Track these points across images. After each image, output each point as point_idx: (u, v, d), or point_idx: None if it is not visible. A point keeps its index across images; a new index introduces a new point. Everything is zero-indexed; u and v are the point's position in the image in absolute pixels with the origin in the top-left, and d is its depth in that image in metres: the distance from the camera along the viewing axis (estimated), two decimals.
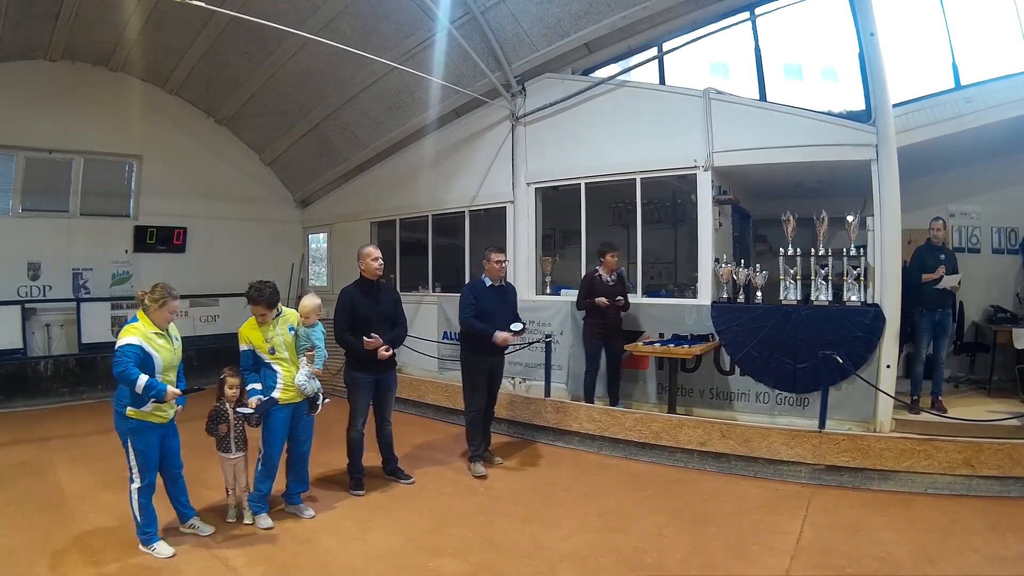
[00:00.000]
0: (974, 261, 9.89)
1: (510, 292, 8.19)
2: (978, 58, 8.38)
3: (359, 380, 7.27)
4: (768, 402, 8.54)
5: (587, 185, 10.19)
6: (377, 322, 7.26)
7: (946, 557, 5.52)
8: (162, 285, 5.66)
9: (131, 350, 5.40)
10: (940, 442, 7.06)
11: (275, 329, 6.32)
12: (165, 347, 5.65)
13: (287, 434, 6.45)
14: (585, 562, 5.55)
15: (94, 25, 11.57)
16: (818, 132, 8.39)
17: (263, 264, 14.74)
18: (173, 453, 5.89)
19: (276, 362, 6.29)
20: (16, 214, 12.46)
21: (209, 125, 14.83)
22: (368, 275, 7.33)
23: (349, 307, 7.23)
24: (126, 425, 5.56)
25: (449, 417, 10.40)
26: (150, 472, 5.67)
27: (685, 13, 9.23)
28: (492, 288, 7.89)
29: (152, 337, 5.57)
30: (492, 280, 7.91)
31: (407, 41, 10.65)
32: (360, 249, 7.47)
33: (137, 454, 5.60)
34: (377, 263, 7.31)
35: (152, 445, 5.63)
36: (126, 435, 5.60)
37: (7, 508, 6.73)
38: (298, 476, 6.68)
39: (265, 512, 6.41)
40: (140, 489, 5.63)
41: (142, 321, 5.61)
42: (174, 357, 5.77)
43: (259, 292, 6.19)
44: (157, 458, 5.71)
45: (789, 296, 8.53)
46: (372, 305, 7.29)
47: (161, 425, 5.67)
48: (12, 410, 11.30)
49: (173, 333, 5.85)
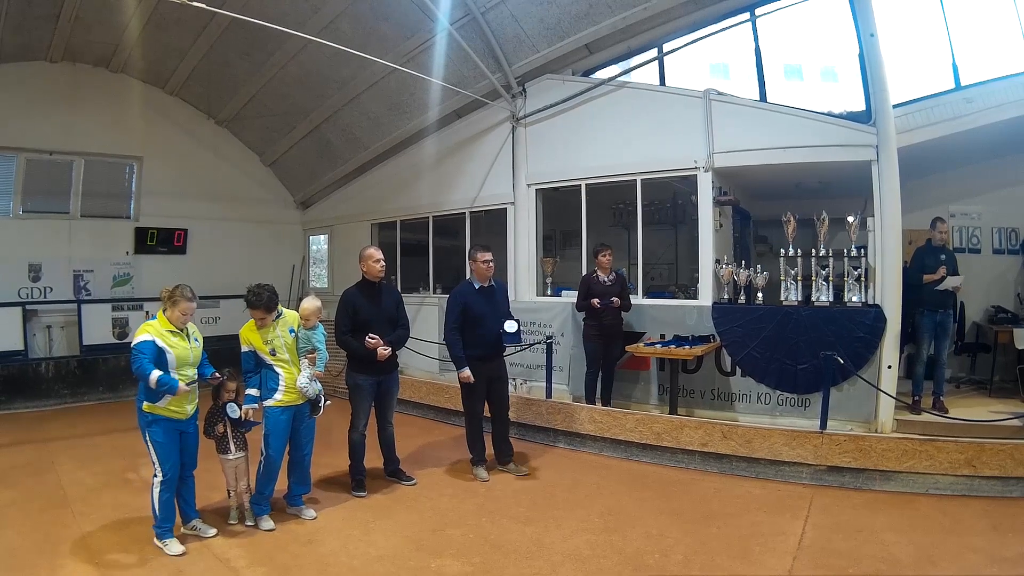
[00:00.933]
0: (975, 261, 9.91)
1: (499, 291, 8.03)
2: (978, 58, 8.39)
3: (361, 382, 7.26)
4: (769, 403, 8.54)
5: (588, 186, 10.20)
6: (379, 324, 7.23)
7: (947, 558, 5.51)
8: (181, 286, 5.82)
9: (145, 347, 5.58)
10: (942, 442, 7.06)
11: (275, 331, 6.33)
12: (180, 344, 5.76)
13: (288, 436, 6.47)
14: (586, 563, 5.55)
15: (95, 26, 11.58)
16: (818, 133, 8.40)
17: (264, 266, 14.76)
18: (189, 451, 5.96)
19: (278, 364, 6.29)
20: (17, 215, 12.46)
21: (210, 126, 14.83)
22: (370, 276, 7.31)
23: (350, 309, 7.20)
24: (144, 419, 5.69)
25: (450, 419, 10.40)
26: (172, 464, 5.74)
27: (685, 14, 9.24)
28: (480, 291, 7.73)
29: (166, 335, 5.70)
30: (480, 281, 7.76)
31: (407, 42, 10.65)
32: (362, 250, 7.45)
33: (156, 445, 5.69)
34: (379, 264, 7.28)
35: (170, 437, 5.73)
36: (145, 429, 5.71)
37: (8, 509, 6.73)
38: (300, 478, 6.69)
39: (267, 514, 6.41)
40: (163, 483, 5.70)
41: (159, 319, 5.80)
42: (190, 355, 5.84)
43: (257, 296, 6.19)
44: (177, 452, 5.79)
45: (790, 297, 8.54)
46: (374, 307, 7.26)
47: (180, 420, 5.78)
48: (13, 411, 11.29)
49: (192, 333, 5.98)
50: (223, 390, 6.26)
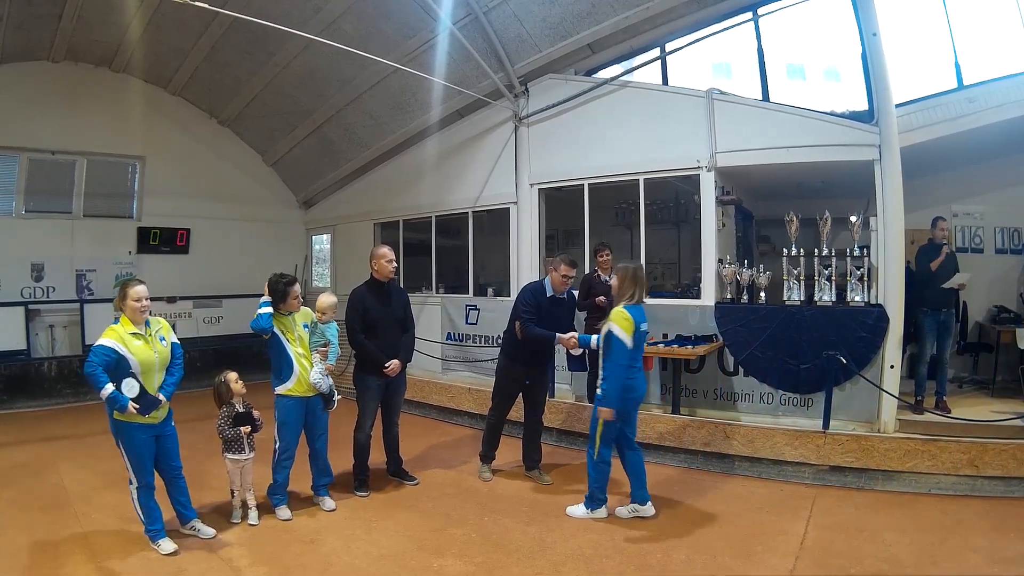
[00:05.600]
0: (977, 261, 9.87)
1: (568, 302, 7.85)
2: (981, 58, 8.38)
3: (369, 383, 7.23)
4: (772, 403, 8.52)
5: (590, 186, 10.18)
6: (388, 324, 7.24)
7: (949, 558, 5.53)
8: (127, 276, 5.67)
9: (102, 351, 5.36)
10: (944, 443, 7.07)
11: (292, 320, 6.50)
12: (143, 348, 5.53)
13: (302, 424, 6.58)
14: (589, 562, 5.56)
15: (96, 26, 11.58)
16: (821, 132, 8.37)
17: (266, 265, 14.43)
18: (169, 454, 5.82)
19: (293, 351, 6.42)
20: (19, 215, 12.46)
21: (212, 126, 14.83)
22: (380, 276, 7.26)
23: (360, 309, 7.18)
24: (115, 427, 5.55)
25: (452, 418, 10.42)
26: (145, 473, 5.65)
27: (688, 13, 9.22)
28: (551, 298, 7.50)
29: (128, 338, 5.48)
30: (554, 290, 7.49)
31: (410, 42, 10.65)
32: (374, 249, 7.42)
33: (128, 455, 5.60)
34: (391, 265, 7.24)
35: (141, 446, 5.58)
36: (116, 436, 5.60)
37: (10, 508, 6.75)
38: (321, 469, 6.85)
39: (285, 504, 6.56)
40: (139, 489, 5.65)
41: (122, 321, 5.57)
42: (155, 358, 5.61)
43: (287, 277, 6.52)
44: (149, 458, 5.67)
45: (793, 297, 8.52)
46: (383, 307, 7.25)
47: (151, 426, 5.61)
48: (15, 411, 11.35)
49: (159, 332, 5.76)
50: (232, 384, 6.29)
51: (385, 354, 7.13)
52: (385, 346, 7.18)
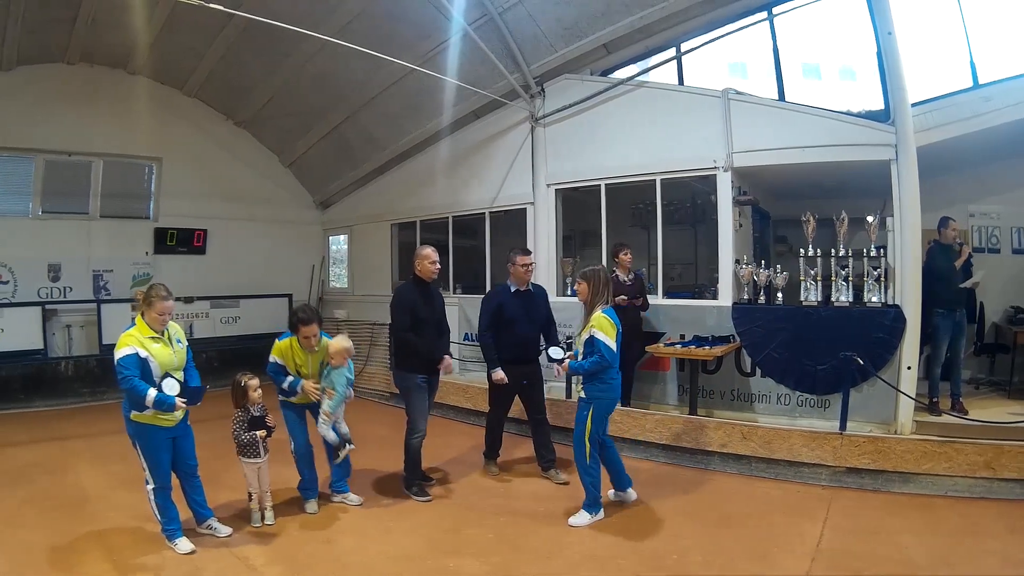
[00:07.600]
0: (994, 262, 9.79)
1: (538, 297, 7.99)
2: (996, 56, 8.33)
3: (415, 382, 7.24)
4: (789, 404, 8.51)
5: (607, 186, 10.17)
6: (430, 324, 7.28)
7: (964, 560, 5.51)
8: (155, 286, 5.70)
9: (129, 361, 5.42)
10: (960, 444, 7.03)
11: (309, 358, 6.61)
12: (161, 350, 5.63)
13: (306, 427, 6.73)
14: (605, 564, 5.57)
15: (111, 29, 11.63)
16: (837, 132, 8.34)
17: (283, 266, 14.96)
18: (186, 454, 5.91)
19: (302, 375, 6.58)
20: (36, 216, 12.57)
21: (228, 127, 14.89)
22: (424, 276, 7.29)
23: (409, 307, 7.18)
24: (132, 428, 5.63)
25: (469, 419, 10.44)
26: (162, 474, 5.72)
27: (703, 13, 9.20)
28: (516, 294, 7.72)
29: (147, 342, 5.55)
30: (516, 285, 7.74)
31: (425, 43, 10.67)
32: (419, 249, 7.47)
33: (146, 456, 5.67)
34: (435, 265, 7.31)
35: (160, 447, 5.67)
36: (134, 438, 5.68)
37: (26, 506, 6.82)
38: (339, 467, 6.91)
39: (314, 498, 6.76)
40: (155, 490, 5.72)
41: (137, 326, 5.62)
42: (174, 359, 5.72)
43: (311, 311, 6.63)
44: (167, 459, 5.75)
45: (809, 297, 8.49)
46: (428, 308, 7.29)
47: (169, 427, 5.69)
48: (32, 410, 11.44)
49: (175, 335, 5.85)
50: (251, 390, 6.28)
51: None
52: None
